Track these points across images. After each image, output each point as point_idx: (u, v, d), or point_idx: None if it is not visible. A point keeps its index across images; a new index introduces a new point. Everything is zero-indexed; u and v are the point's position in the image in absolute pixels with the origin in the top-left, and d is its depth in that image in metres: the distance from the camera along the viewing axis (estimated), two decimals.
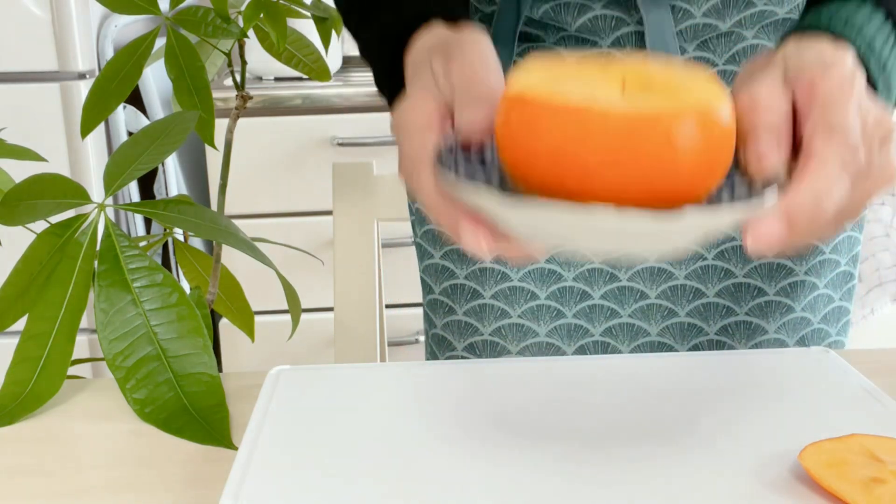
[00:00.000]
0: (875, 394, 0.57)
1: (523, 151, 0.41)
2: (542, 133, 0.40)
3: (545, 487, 0.47)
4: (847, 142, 0.43)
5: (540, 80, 0.42)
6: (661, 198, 0.40)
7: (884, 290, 1.85)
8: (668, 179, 0.39)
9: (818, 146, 0.43)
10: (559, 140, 0.39)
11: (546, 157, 0.40)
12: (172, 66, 0.83)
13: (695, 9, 0.71)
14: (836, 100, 0.44)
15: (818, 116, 0.44)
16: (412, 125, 0.48)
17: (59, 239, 0.62)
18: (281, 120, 1.81)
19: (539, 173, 0.41)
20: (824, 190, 0.42)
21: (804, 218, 0.42)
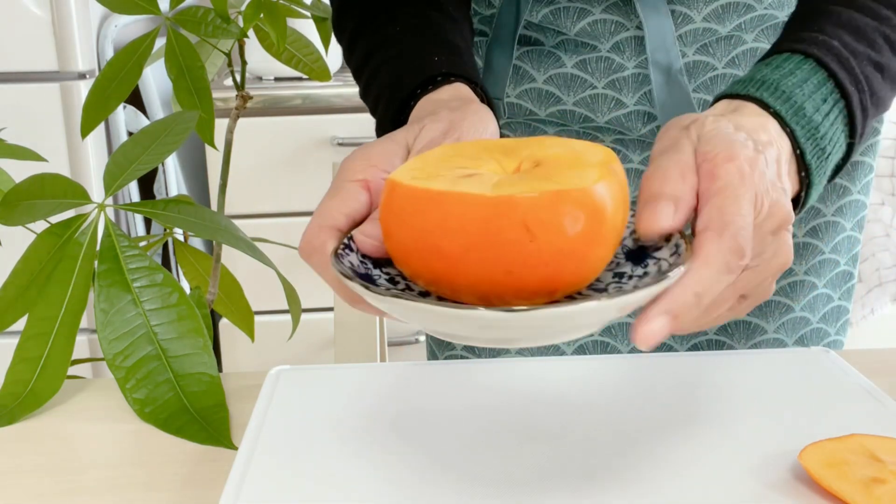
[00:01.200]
0: (875, 394, 0.57)
1: (396, 238, 0.41)
2: (408, 219, 0.39)
3: (545, 487, 0.47)
4: (734, 243, 0.42)
5: (424, 164, 0.42)
6: (531, 286, 0.39)
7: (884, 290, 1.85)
8: (531, 265, 0.38)
9: (706, 246, 0.42)
10: (422, 226, 0.39)
11: (413, 244, 0.40)
12: (172, 66, 0.83)
13: (695, 13, 0.71)
14: (730, 194, 0.44)
15: (712, 210, 0.44)
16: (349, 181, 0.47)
17: (59, 239, 0.62)
18: (281, 120, 1.81)
19: (412, 261, 0.40)
20: (705, 290, 0.42)
21: (687, 314, 0.42)
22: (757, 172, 0.45)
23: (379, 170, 0.47)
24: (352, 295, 0.45)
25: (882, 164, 1.81)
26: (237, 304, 0.94)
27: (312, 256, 0.46)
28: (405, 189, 0.40)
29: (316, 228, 0.46)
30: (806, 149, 0.50)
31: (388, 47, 0.62)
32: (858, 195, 0.79)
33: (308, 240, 0.46)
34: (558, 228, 0.38)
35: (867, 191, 0.80)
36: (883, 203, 1.82)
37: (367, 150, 0.49)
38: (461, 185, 0.39)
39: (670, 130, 0.48)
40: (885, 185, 1.82)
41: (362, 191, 0.47)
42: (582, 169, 0.40)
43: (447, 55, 0.59)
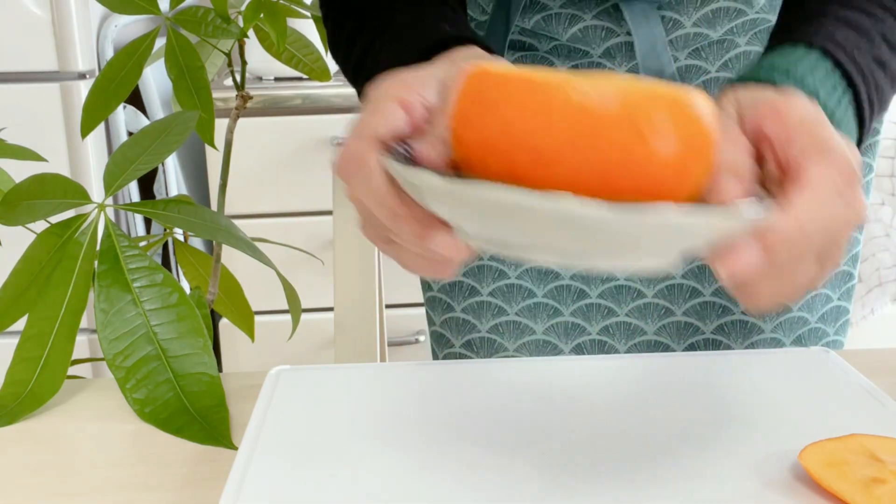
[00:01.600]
0: (875, 394, 0.57)
1: (474, 128, 0.37)
2: (499, 107, 0.36)
3: (544, 487, 0.47)
4: (842, 164, 0.39)
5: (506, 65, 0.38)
6: (625, 191, 0.35)
7: (884, 290, 1.85)
8: (634, 171, 0.35)
9: (810, 169, 0.39)
10: (518, 116, 0.35)
11: (497, 137, 0.36)
12: (172, 66, 0.83)
13: (685, 19, 0.71)
14: (815, 120, 0.41)
15: (805, 136, 0.41)
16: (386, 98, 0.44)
17: (59, 239, 0.62)
18: (281, 120, 1.81)
19: (489, 158, 0.36)
20: (810, 217, 0.39)
21: (786, 247, 0.38)
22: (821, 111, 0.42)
23: (416, 92, 0.44)
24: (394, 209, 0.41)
25: (882, 164, 1.81)
26: (237, 304, 0.94)
27: (352, 164, 0.42)
28: (499, 76, 0.36)
29: (358, 139, 0.42)
30: None
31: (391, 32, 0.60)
32: None
33: (349, 149, 0.42)
34: (667, 132, 0.35)
35: (867, 191, 0.80)
36: (883, 203, 1.82)
37: (402, 74, 0.45)
38: (563, 80, 0.35)
39: None
40: (885, 185, 1.82)
41: (401, 109, 0.43)
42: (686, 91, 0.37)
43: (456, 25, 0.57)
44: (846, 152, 0.40)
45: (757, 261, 0.38)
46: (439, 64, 0.48)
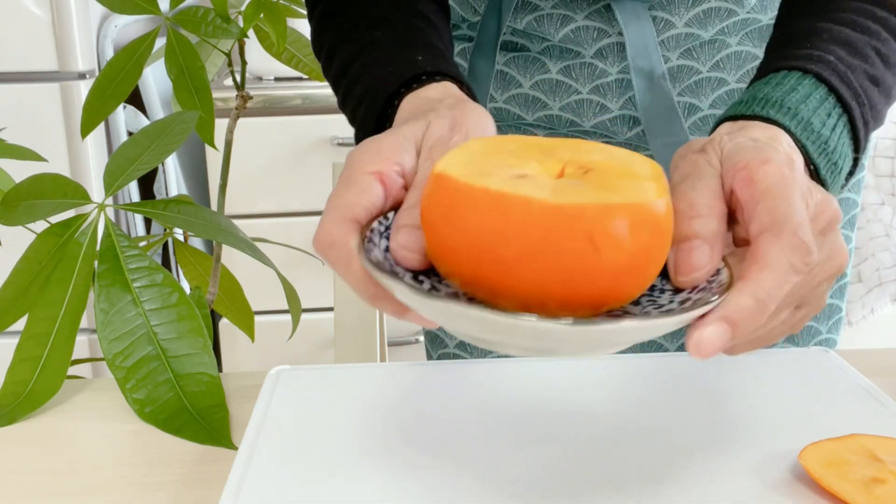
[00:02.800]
0: (875, 394, 0.57)
1: (442, 235, 0.38)
2: (460, 217, 0.37)
3: (543, 487, 0.47)
4: (797, 240, 0.40)
5: (471, 158, 0.39)
6: (582, 297, 0.37)
7: (884, 290, 1.85)
8: (590, 279, 0.37)
9: (765, 248, 0.40)
10: (477, 226, 0.37)
11: (463, 244, 0.37)
12: (172, 66, 0.83)
13: (676, 19, 0.71)
14: (779, 192, 0.41)
15: (762, 213, 0.41)
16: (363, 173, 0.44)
17: (59, 239, 0.62)
18: (281, 120, 1.81)
19: (458, 260, 0.38)
20: (768, 294, 0.39)
21: (747, 320, 0.39)
22: (797, 172, 0.43)
23: (392, 162, 0.45)
24: (374, 292, 0.43)
25: (882, 164, 1.81)
26: (237, 304, 0.94)
27: (332, 249, 0.43)
28: (460, 185, 0.37)
29: (336, 221, 0.43)
30: (819, 163, 0.49)
31: (369, 52, 0.60)
32: (849, 193, 0.79)
33: (328, 232, 0.43)
34: (623, 243, 0.36)
35: (857, 189, 0.81)
36: (883, 203, 1.82)
37: (377, 143, 0.46)
38: (521, 186, 0.37)
39: (686, 156, 0.46)
40: (885, 185, 1.82)
41: (377, 183, 0.44)
42: (638, 181, 0.38)
43: (431, 56, 0.57)
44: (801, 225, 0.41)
45: (723, 340, 0.39)
46: (413, 124, 0.48)
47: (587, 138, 0.76)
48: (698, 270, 0.41)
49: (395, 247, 0.42)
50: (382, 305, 0.43)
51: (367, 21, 0.62)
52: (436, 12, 0.65)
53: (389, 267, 0.42)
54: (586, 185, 0.38)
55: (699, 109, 0.74)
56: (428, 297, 0.38)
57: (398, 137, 0.47)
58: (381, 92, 0.55)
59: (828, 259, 0.44)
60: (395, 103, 0.55)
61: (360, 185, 0.44)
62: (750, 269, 0.40)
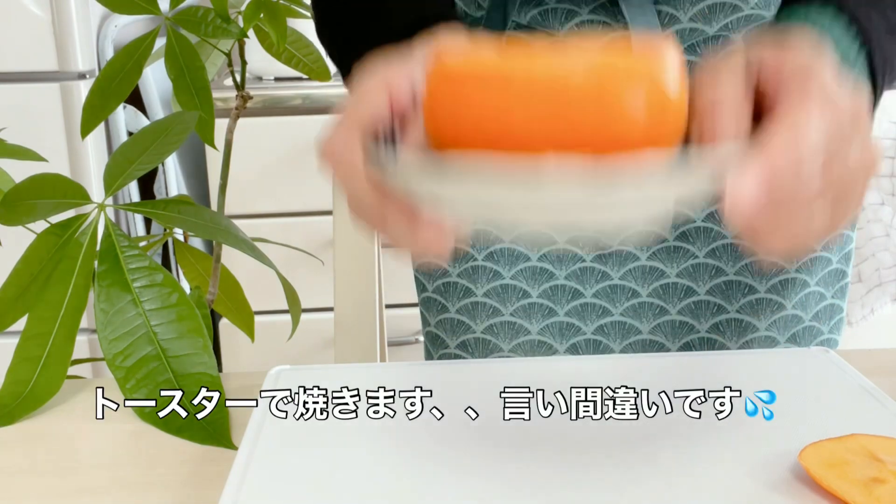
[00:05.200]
0: (875, 394, 0.57)
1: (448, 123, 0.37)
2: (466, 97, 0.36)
3: (544, 487, 0.47)
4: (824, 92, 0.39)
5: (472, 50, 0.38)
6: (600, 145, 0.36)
7: (884, 290, 1.85)
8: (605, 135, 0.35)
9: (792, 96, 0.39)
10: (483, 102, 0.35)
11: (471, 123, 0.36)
12: (172, 66, 0.83)
13: (681, 14, 0.71)
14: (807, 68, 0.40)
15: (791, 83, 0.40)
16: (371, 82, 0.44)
17: (59, 239, 0.62)
18: (281, 120, 1.81)
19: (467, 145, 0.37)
20: (800, 135, 0.38)
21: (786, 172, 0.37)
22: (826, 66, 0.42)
23: (400, 73, 0.44)
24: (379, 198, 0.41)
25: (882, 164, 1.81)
26: (237, 304, 0.94)
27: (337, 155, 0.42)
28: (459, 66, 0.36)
29: (341, 129, 0.42)
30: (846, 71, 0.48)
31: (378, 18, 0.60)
32: None
33: (332, 141, 0.42)
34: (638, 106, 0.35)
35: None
36: (883, 203, 1.82)
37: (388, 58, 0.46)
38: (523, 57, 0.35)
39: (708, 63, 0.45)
40: (885, 185, 1.82)
41: (386, 94, 0.43)
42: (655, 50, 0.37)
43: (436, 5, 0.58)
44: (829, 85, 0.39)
45: (759, 190, 0.37)
46: (422, 45, 0.47)
47: None
48: (722, 132, 0.40)
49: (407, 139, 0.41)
50: (390, 215, 0.42)
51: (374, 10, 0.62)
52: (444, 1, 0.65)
53: None
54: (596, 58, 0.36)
55: None
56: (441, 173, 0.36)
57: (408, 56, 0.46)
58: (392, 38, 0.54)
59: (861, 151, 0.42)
60: None
61: (370, 95, 0.43)
62: (777, 113, 0.39)
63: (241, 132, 1.73)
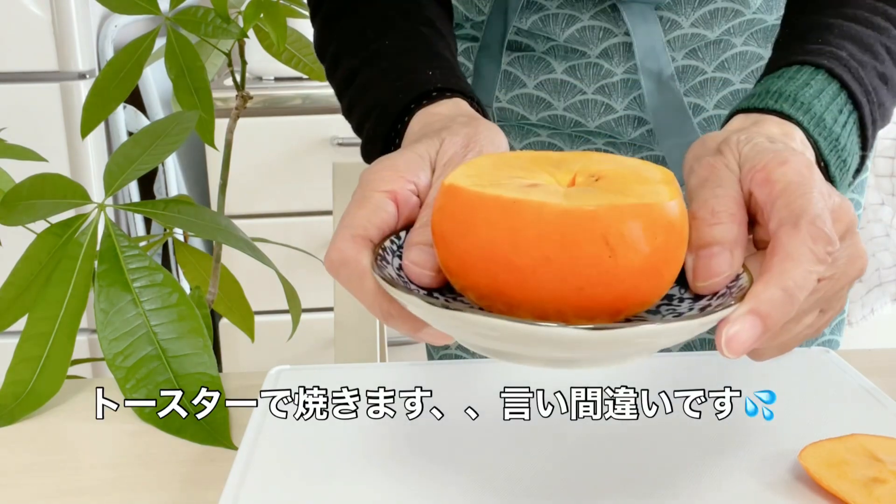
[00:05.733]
0: (875, 394, 0.57)
1: (455, 247, 0.38)
2: (473, 227, 0.37)
3: (544, 487, 0.47)
4: (815, 230, 0.39)
5: (481, 171, 0.39)
6: (600, 304, 0.37)
7: (884, 290, 1.85)
8: (607, 284, 0.36)
9: (784, 240, 0.40)
10: (490, 236, 0.36)
11: (477, 255, 0.37)
12: (172, 66, 0.83)
13: (682, 19, 0.71)
14: (797, 188, 0.41)
15: (781, 207, 0.41)
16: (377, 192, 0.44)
17: (59, 239, 0.62)
18: (281, 120, 1.81)
19: (470, 272, 0.38)
20: (795, 283, 0.39)
21: (778, 313, 0.38)
22: (815, 173, 0.42)
23: (406, 181, 0.45)
24: (387, 310, 0.42)
25: (882, 164, 1.81)
26: (237, 304, 0.94)
27: (344, 268, 0.42)
28: (471, 195, 0.37)
29: (348, 239, 0.42)
30: (830, 160, 0.49)
31: (377, 62, 0.60)
32: (853, 194, 0.79)
33: (340, 250, 0.42)
34: (638, 244, 0.36)
35: (861, 190, 0.80)
36: (883, 203, 1.82)
37: (392, 160, 0.46)
38: (532, 194, 0.36)
39: (702, 158, 0.45)
40: (885, 185, 1.82)
41: (390, 202, 0.44)
42: (650, 185, 0.38)
43: (440, 70, 0.57)
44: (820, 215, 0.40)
45: (754, 332, 0.38)
46: (427, 141, 0.48)
47: (592, 139, 0.76)
48: (718, 276, 0.40)
49: (408, 264, 0.42)
50: (396, 324, 0.43)
51: (374, 28, 0.62)
52: (441, 16, 0.65)
53: (403, 284, 0.41)
54: (598, 191, 0.37)
55: (704, 110, 0.74)
56: (444, 309, 0.37)
57: (413, 155, 0.47)
58: (392, 107, 0.55)
59: (849, 263, 0.43)
60: (406, 119, 0.54)
61: (373, 203, 0.44)
62: (772, 262, 0.39)
63: (241, 132, 1.74)
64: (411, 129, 0.53)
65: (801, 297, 0.39)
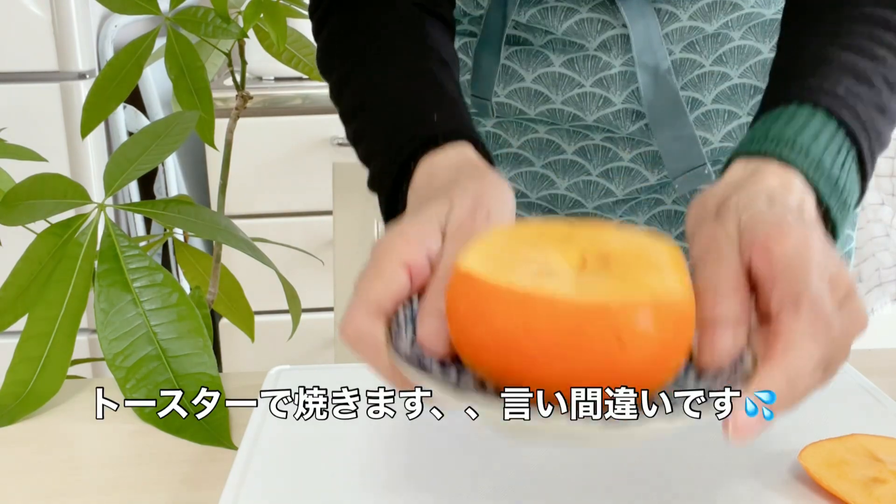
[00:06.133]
0: (875, 394, 0.57)
1: (468, 331, 0.39)
2: (487, 316, 0.38)
3: (543, 487, 0.47)
4: (815, 314, 0.41)
5: (493, 251, 0.40)
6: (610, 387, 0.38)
7: (884, 290, 1.85)
8: (618, 373, 0.37)
9: (785, 325, 0.41)
10: (503, 325, 0.38)
11: (490, 341, 0.38)
12: (172, 66, 0.83)
13: (680, 12, 0.71)
14: (796, 266, 0.42)
15: (783, 288, 0.42)
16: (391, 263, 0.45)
17: (59, 239, 0.62)
18: (281, 120, 1.81)
19: (484, 355, 0.39)
20: (796, 371, 0.40)
21: (782, 401, 0.40)
22: (813, 248, 0.43)
23: (418, 251, 0.45)
24: (404, 382, 0.43)
25: (882, 164, 1.81)
26: (237, 304, 0.94)
27: (361, 343, 0.44)
28: (486, 285, 0.38)
29: (364, 315, 0.43)
30: (831, 204, 0.49)
31: (381, 96, 0.60)
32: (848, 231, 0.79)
33: (357, 326, 0.43)
34: (648, 337, 0.37)
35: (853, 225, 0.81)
36: (883, 203, 1.82)
37: (403, 229, 0.47)
38: (545, 284, 0.38)
39: (703, 224, 0.46)
40: (885, 185, 1.82)
41: (404, 273, 0.44)
42: (658, 272, 0.39)
43: (446, 110, 0.57)
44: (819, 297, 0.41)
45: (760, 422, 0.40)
46: (435, 205, 0.48)
47: (590, 134, 0.76)
48: (721, 353, 0.41)
49: (422, 336, 0.43)
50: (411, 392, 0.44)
51: (377, 54, 0.62)
52: (443, 33, 0.65)
53: (417, 357, 0.42)
54: (608, 278, 0.38)
55: (702, 104, 0.74)
56: (458, 394, 0.39)
57: (423, 222, 0.47)
58: (398, 156, 0.55)
59: (850, 325, 0.44)
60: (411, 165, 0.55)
61: (388, 275, 0.44)
62: (775, 349, 0.40)
63: (241, 132, 1.73)
64: (417, 181, 0.53)
65: (804, 382, 0.40)
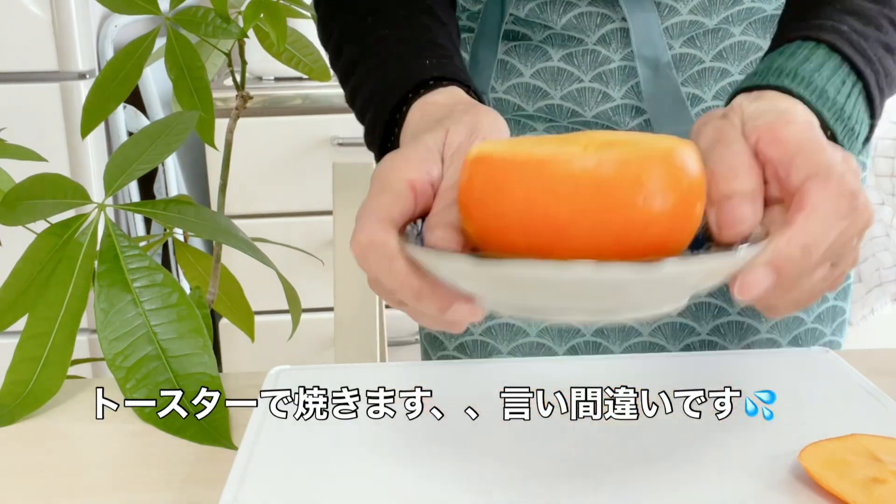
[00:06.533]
0: (875, 394, 0.57)
1: (489, 212, 0.39)
2: (508, 189, 0.38)
3: (544, 487, 0.47)
4: (843, 186, 0.41)
5: (499, 146, 0.41)
6: (636, 250, 0.38)
7: (884, 290, 1.85)
8: (641, 228, 0.38)
9: (812, 194, 0.41)
10: (525, 194, 0.38)
11: (513, 215, 0.38)
12: (172, 66, 0.83)
13: (680, 6, 0.71)
14: (813, 145, 0.43)
15: (803, 164, 0.42)
16: (396, 181, 0.45)
17: (59, 239, 0.62)
18: (281, 120, 1.81)
19: (507, 235, 0.39)
20: (815, 240, 0.41)
21: (792, 266, 0.40)
22: (820, 133, 0.44)
23: (422, 171, 0.45)
24: (417, 288, 0.42)
25: (882, 164, 1.81)
26: (237, 304, 0.94)
27: (372, 251, 0.42)
28: (503, 159, 0.38)
29: (374, 222, 0.43)
30: (836, 129, 0.50)
31: (377, 52, 0.60)
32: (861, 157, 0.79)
33: (368, 234, 0.42)
34: (668, 187, 0.38)
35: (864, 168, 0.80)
36: (883, 203, 1.82)
37: (404, 153, 0.47)
38: (560, 153, 0.38)
39: (709, 123, 0.47)
40: (885, 184, 1.82)
41: (409, 190, 0.44)
42: (664, 141, 0.40)
43: (438, 58, 0.58)
44: (845, 173, 0.42)
45: (768, 283, 0.40)
46: (432, 133, 0.49)
47: (589, 129, 0.76)
48: (742, 223, 0.42)
49: (436, 242, 0.42)
50: (426, 304, 0.43)
51: (375, 16, 0.63)
52: (442, 4, 0.65)
53: None
54: (618, 149, 0.39)
55: (702, 100, 0.74)
56: (488, 264, 0.38)
57: (422, 148, 0.47)
58: (389, 98, 0.56)
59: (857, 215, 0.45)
60: (403, 109, 0.55)
61: (394, 191, 0.44)
62: (796, 216, 0.41)
63: (241, 132, 1.73)
64: (410, 119, 0.54)
65: (819, 252, 0.41)
